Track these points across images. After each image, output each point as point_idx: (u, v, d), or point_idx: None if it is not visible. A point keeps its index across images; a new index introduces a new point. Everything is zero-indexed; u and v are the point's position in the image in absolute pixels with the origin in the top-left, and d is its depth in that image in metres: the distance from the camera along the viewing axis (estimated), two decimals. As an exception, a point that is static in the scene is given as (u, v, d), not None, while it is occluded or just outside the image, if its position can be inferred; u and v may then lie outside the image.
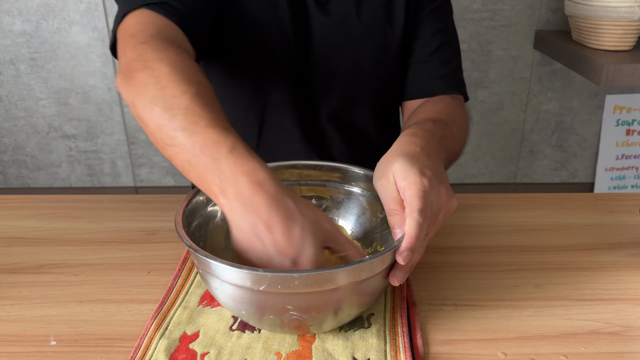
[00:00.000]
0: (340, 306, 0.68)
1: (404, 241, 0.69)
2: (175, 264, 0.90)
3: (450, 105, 1.05)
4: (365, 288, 0.69)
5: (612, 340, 0.74)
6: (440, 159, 0.81)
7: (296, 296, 0.64)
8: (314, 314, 0.67)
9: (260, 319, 0.69)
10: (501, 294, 0.83)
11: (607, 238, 0.99)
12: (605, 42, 2.03)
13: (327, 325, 0.71)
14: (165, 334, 0.73)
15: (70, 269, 0.90)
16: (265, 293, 0.64)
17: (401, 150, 0.78)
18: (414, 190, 0.71)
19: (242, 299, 0.66)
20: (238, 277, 0.64)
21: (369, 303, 0.73)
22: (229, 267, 0.63)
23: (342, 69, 1.11)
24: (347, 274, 0.64)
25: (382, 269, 0.69)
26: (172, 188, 2.75)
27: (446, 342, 0.74)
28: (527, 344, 0.73)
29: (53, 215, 1.07)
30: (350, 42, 1.09)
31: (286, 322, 0.68)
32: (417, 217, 0.69)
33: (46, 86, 2.54)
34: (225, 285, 0.66)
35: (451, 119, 0.98)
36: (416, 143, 0.79)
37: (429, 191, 0.72)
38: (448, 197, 0.75)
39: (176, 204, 1.08)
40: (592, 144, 2.69)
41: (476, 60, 2.49)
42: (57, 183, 2.75)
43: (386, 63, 1.12)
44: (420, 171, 0.73)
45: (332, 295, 0.65)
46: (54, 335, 0.75)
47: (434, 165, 0.77)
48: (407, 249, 0.68)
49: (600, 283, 0.86)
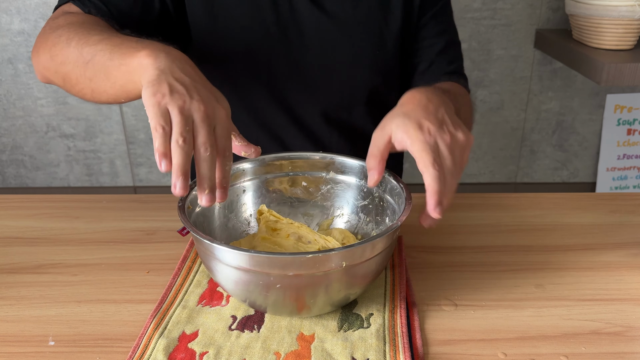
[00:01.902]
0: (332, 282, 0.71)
1: (431, 197, 0.71)
2: (174, 264, 0.90)
3: (454, 86, 1.08)
4: (357, 271, 0.71)
5: (613, 340, 0.74)
6: (441, 101, 0.82)
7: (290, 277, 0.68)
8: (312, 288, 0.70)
9: (266, 295, 0.71)
10: (501, 294, 0.83)
11: (608, 238, 0.99)
12: (606, 41, 2.03)
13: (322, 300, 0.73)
14: (164, 334, 0.73)
15: (68, 269, 0.90)
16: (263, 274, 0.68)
17: (401, 107, 0.81)
18: (417, 145, 0.73)
19: (241, 279, 0.70)
20: (240, 259, 0.68)
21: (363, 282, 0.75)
22: (230, 250, 0.67)
23: (339, 65, 1.11)
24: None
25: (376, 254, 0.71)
26: (170, 188, 2.74)
27: (446, 343, 0.74)
28: (527, 345, 0.73)
29: (51, 215, 1.07)
30: (346, 37, 1.09)
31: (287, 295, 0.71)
32: (431, 171, 0.71)
33: (44, 85, 2.54)
34: (229, 269, 0.70)
35: (454, 91, 1.02)
36: (415, 97, 0.82)
37: (433, 140, 0.73)
38: (452, 136, 0.76)
39: (175, 203, 1.08)
40: (593, 144, 2.69)
41: (476, 59, 2.49)
42: (55, 183, 2.75)
43: (383, 59, 1.13)
44: (418, 125, 0.75)
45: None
46: (53, 335, 0.75)
47: (433, 112, 0.78)
48: (435, 205, 0.71)
49: (601, 283, 0.86)
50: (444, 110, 0.79)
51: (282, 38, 1.07)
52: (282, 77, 1.11)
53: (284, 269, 0.67)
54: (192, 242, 0.94)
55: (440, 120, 0.77)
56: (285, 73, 1.10)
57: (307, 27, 1.08)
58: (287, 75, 1.10)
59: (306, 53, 1.09)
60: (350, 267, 0.69)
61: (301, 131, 1.15)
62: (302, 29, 1.08)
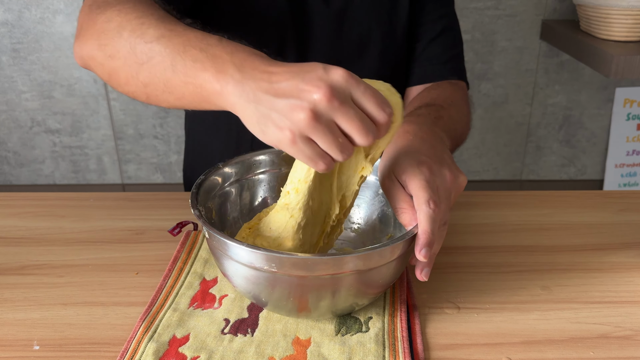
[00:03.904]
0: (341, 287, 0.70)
1: (420, 237, 0.69)
2: (165, 265, 0.90)
3: (448, 90, 1.07)
4: (370, 277, 0.71)
5: (623, 344, 0.74)
6: (438, 139, 0.82)
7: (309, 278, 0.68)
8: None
9: (271, 293, 0.71)
10: (506, 297, 0.83)
11: (617, 238, 0.99)
12: (615, 32, 2.04)
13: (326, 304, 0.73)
14: (153, 337, 0.73)
15: (54, 270, 0.90)
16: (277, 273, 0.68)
17: (395, 144, 0.79)
18: (416, 182, 0.71)
19: (252, 278, 0.71)
20: (254, 258, 0.68)
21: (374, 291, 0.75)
22: (245, 247, 0.67)
23: (346, 53, 1.12)
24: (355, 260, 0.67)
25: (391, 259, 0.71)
26: (160, 185, 2.75)
27: (448, 347, 0.74)
28: (533, 349, 0.73)
29: (36, 214, 1.07)
30: (355, 24, 1.10)
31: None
32: (426, 210, 0.69)
33: (29, 78, 2.54)
34: (240, 266, 0.70)
35: (448, 103, 1.00)
36: (409, 132, 0.80)
37: (432, 178, 0.72)
38: (454, 177, 0.75)
39: (166, 201, 1.09)
40: (601, 139, 2.69)
41: (480, 51, 2.49)
42: (40, 180, 2.74)
43: (392, 49, 1.14)
44: (417, 161, 0.74)
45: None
46: (38, 339, 0.75)
47: (431, 147, 0.77)
48: (425, 245, 0.69)
49: (610, 285, 0.86)
50: (442, 145, 0.79)
51: (293, 25, 1.08)
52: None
53: (296, 270, 0.67)
54: (182, 242, 0.94)
55: (439, 157, 0.76)
56: (293, 61, 1.11)
57: (316, 13, 1.08)
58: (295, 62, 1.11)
59: (314, 40, 1.10)
60: (364, 273, 0.69)
61: None
62: (310, 17, 1.08)
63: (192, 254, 0.91)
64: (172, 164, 2.71)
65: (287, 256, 0.66)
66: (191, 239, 0.95)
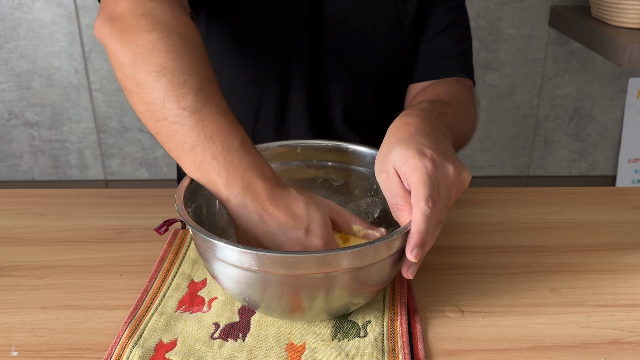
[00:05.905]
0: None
1: (413, 237, 0.69)
2: (150, 266, 0.90)
3: (454, 87, 1.06)
4: (364, 275, 0.71)
5: (636, 350, 0.74)
6: (442, 133, 0.81)
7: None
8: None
9: (263, 293, 0.72)
10: (512, 299, 0.84)
11: (630, 237, 0.99)
12: (628, 19, 2.04)
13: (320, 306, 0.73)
14: (139, 343, 0.73)
15: (33, 271, 0.90)
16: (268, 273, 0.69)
17: (395, 135, 0.78)
18: (416, 175, 0.71)
19: (243, 279, 0.71)
20: (243, 258, 0.68)
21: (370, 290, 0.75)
22: (234, 247, 0.68)
23: (353, 45, 1.12)
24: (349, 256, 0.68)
25: (385, 257, 0.71)
26: (145, 181, 2.75)
27: (451, 353, 0.74)
28: (541, 355, 0.73)
29: (13, 211, 1.07)
30: (362, 15, 1.11)
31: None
32: (423, 208, 0.69)
33: (6, 68, 2.53)
34: (230, 267, 0.70)
35: (454, 101, 0.99)
36: (410, 124, 0.80)
37: (434, 173, 0.72)
38: (457, 173, 0.75)
39: (151, 198, 1.09)
40: (613, 133, 2.70)
41: (485, 39, 2.49)
42: (18, 176, 2.74)
43: (398, 42, 1.14)
44: (419, 152, 0.73)
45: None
46: (15, 345, 0.75)
47: (435, 141, 0.77)
48: (416, 246, 0.69)
49: (622, 287, 0.87)
50: (445, 141, 0.79)
51: (302, 11, 1.09)
52: (294, 53, 1.13)
53: (288, 269, 0.67)
54: (170, 241, 0.93)
55: (443, 150, 0.76)
56: (298, 50, 1.12)
57: (323, 3, 1.09)
58: (298, 53, 1.12)
59: (320, 31, 1.11)
60: (358, 270, 0.69)
61: (307, 113, 1.16)
62: (319, 5, 1.09)
63: (179, 254, 0.91)
64: (158, 159, 2.71)
65: (276, 254, 0.67)
66: (179, 238, 0.95)
